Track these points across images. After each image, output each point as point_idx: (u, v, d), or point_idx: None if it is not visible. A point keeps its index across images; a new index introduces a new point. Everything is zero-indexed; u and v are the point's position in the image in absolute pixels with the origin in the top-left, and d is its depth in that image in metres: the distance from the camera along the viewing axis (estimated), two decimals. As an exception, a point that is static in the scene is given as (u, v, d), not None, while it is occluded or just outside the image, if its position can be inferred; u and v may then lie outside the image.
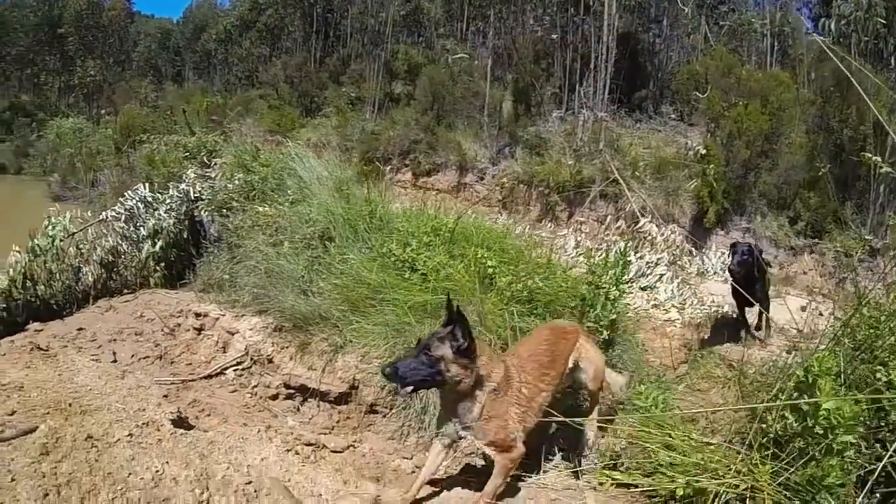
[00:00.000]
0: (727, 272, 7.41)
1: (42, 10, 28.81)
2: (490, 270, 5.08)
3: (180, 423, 4.03)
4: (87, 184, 15.69)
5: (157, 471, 3.46)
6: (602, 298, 4.70)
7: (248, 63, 34.17)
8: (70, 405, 3.72)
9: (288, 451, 4.19)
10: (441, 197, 14.59)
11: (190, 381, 5.18)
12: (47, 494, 3.09)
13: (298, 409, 5.17)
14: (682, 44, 24.21)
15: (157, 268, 7.04)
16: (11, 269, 6.26)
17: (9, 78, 31.51)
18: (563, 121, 21.21)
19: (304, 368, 5.10)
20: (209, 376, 5.30)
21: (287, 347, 5.25)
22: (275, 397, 5.23)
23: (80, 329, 5.68)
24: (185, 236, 7.44)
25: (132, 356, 5.33)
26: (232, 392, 5.17)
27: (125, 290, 6.81)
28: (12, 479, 3.14)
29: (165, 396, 4.46)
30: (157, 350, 5.51)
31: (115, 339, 5.56)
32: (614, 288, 4.78)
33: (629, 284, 6.87)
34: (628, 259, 5.53)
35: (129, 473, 3.38)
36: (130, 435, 3.65)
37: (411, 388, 3.23)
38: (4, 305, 6.07)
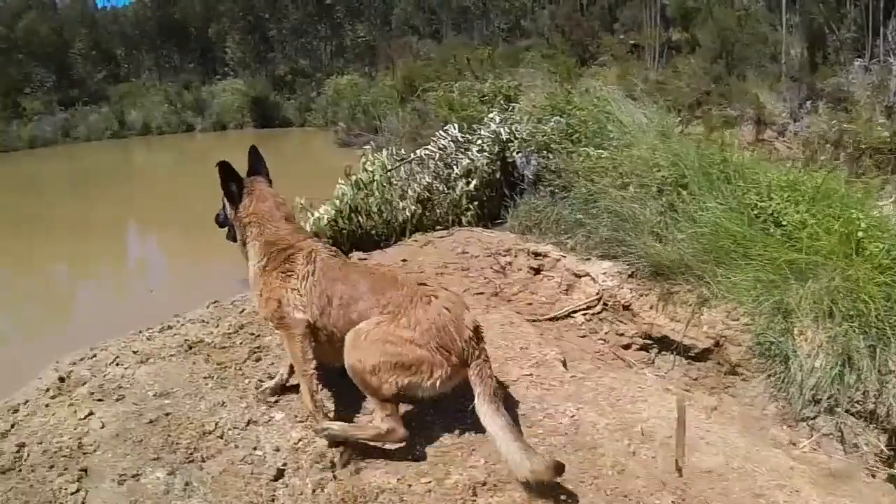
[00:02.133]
0: None
1: None
2: (860, 234, 4.35)
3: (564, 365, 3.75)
4: (371, 130, 16.41)
5: (573, 416, 3.20)
6: None
7: (512, 15, 34.16)
8: None
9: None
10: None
11: (533, 321, 4.76)
12: (463, 432, 3.06)
13: (653, 362, 4.70)
14: None
15: (470, 206, 6.74)
16: (338, 201, 6.30)
17: (285, 48, 34.73)
18: (867, 71, 18.49)
19: (667, 319, 4.60)
20: (555, 318, 4.89)
21: (646, 295, 4.74)
22: (627, 347, 4.78)
23: (403, 260, 5.56)
24: (497, 177, 7.07)
25: (464, 291, 4.94)
26: (581, 337, 4.76)
27: (437, 227, 6.63)
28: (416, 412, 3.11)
29: (542, 335, 4.16)
30: (489, 287, 5.16)
31: (441, 273, 5.30)
32: None
33: None
34: None
35: (543, 416, 3.18)
36: (530, 374, 3.46)
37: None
38: (331, 234, 6.12)
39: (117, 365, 4.01)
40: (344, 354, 2.93)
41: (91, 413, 3.37)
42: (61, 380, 3.99)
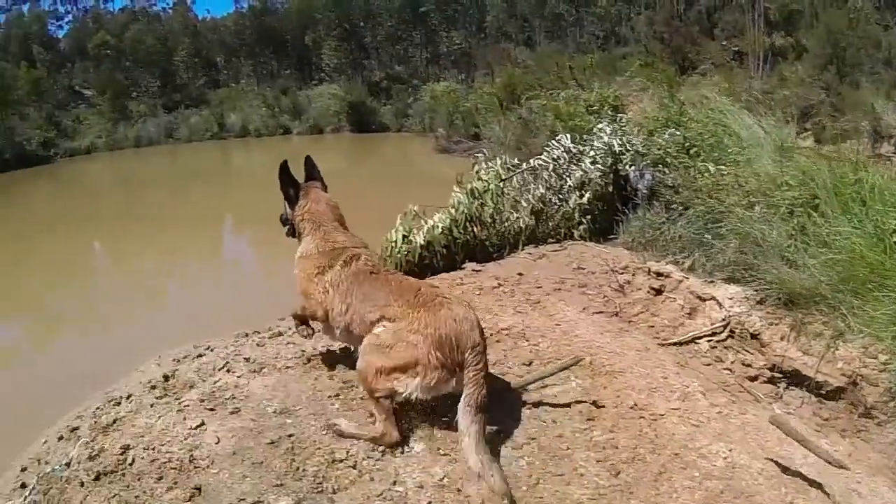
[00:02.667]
0: None
1: None
2: None
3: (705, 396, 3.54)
4: (470, 137, 16.48)
5: (726, 458, 2.97)
6: None
7: (607, 22, 33.68)
8: (591, 363, 3.37)
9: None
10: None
11: (659, 345, 4.61)
12: (619, 473, 2.82)
13: (780, 397, 4.36)
14: None
15: (583, 220, 6.61)
16: (453, 209, 6.23)
17: (381, 55, 35.30)
18: None
19: (799, 352, 4.27)
20: (678, 343, 4.67)
21: (776, 325, 4.43)
22: (753, 378, 4.46)
23: (519, 274, 5.47)
24: (609, 190, 6.90)
25: (583, 309, 4.84)
26: (706, 365, 4.48)
27: (549, 240, 6.53)
28: (567, 448, 2.92)
29: (678, 364, 3.97)
30: (609, 306, 5.00)
31: (559, 289, 5.18)
32: None
33: None
34: None
35: (697, 456, 2.95)
36: (677, 409, 3.25)
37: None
38: (445, 243, 6.08)
39: (228, 371, 3.92)
40: None
41: (203, 424, 3.27)
42: (165, 378, 3.98)
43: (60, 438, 3.62)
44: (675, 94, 9.63)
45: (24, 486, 3.27)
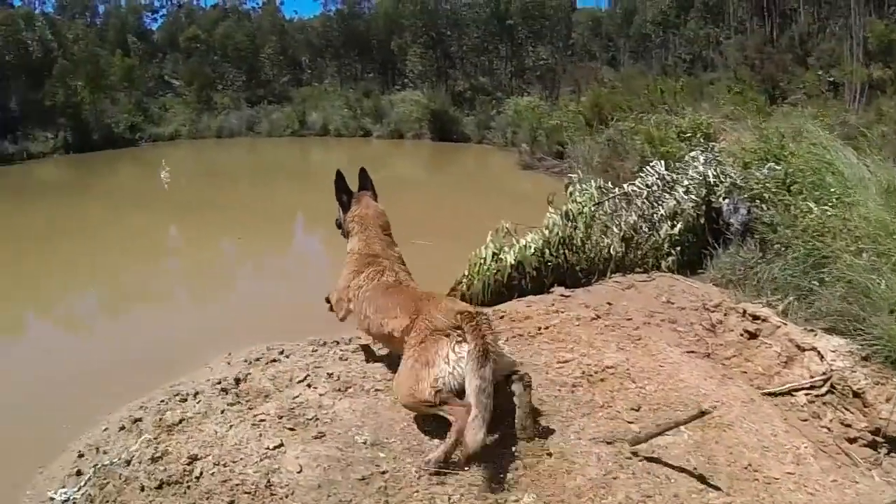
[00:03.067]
0: None
1: (490, 5, 31.50)
2: None
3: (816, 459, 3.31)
4: (553, 155, 16.31)
5: None
6: None
7: (695, 45, 32.97)
8: (702, 413, 3.06)
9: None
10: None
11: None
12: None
13: (881, 464, 3.99)
14: None
15: (672, 251, 6.42)
16: (547, 231, 6.11)
17: (465, 65, 35.51)
18: None
19: None
20: (774, 394, 4.38)
21: (883, 385, 4.12)
22: (852, 440, 4.11)
23: (608, 304, 5.31)
24: (700, 222, 6.67)
25: (675, 346, 4.67)
26: (803, 421, 4.17)
27: (636, 269, 6.36)
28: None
29: (784, 419, 3.75)
30: (700, 346, 4.79)
31: (647, 323, 5.02)
32: None
33: None
34: None
35: None
36: (791, 473, 3.04)
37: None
38: (536, 265, 5.96)
39: (308, 386, 3.79)
40: None
41: (282, 445, 3.09)
42: (237, 382, 3.91)
43: (122, 429, 3.60)
44: (765, 123, 9.36)
45: (79, 473, 3.25)
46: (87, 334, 7.88)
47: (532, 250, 5.91)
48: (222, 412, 3.48)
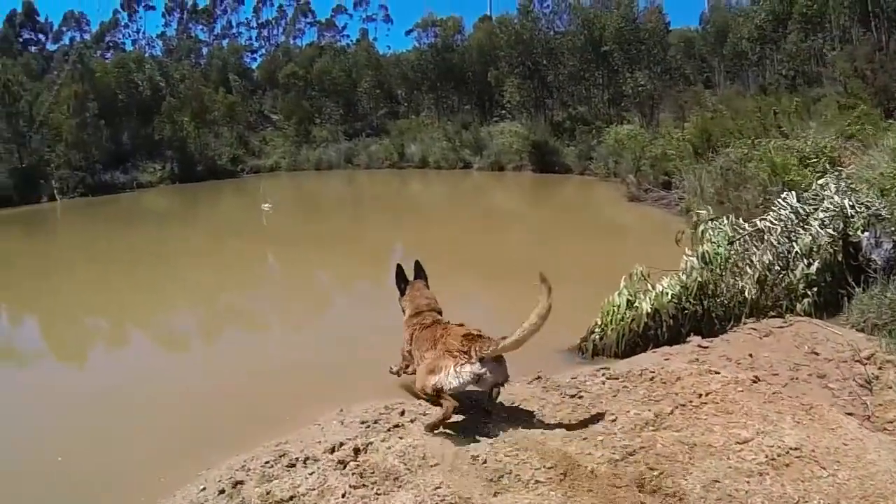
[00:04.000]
0: None
1: (584, 33, 31.34)
2: None
3: None
4: (660, 185, 15.84)
5: None
6: None
7: (796, 60, 31.47)
8: None
9: None
10: None
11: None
12: None
13: None
14: None
15: (808, 292, 5.98)
16: (685, 276, 5.87)
17: (562, 94, 35.35)
18: None
19: None
20: None
21: None
22: None
23: (749, 355, 4.98)
24: (838, 258, 6.29)
25: (830, 406, 4.19)
26: None
27: (770, 313, 5.96)
28: None
29: None
30: (858, 407, 4.25)
31: (795, 379, 4.63)
32: None
33: None
34: None
35: None
36: None
37: None
38: (673, 313, 5.71)
39: (451, 471, 3.43)
40: None
41: None
42: (356, 452, 3.59)
43: (221, 492, 3.39)
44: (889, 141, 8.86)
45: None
46: (181, 363, 7.54)
47: (669, 297, 5.70)
48: (343, 496, 3.16)
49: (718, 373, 4.63)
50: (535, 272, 3.94)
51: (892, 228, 6.16)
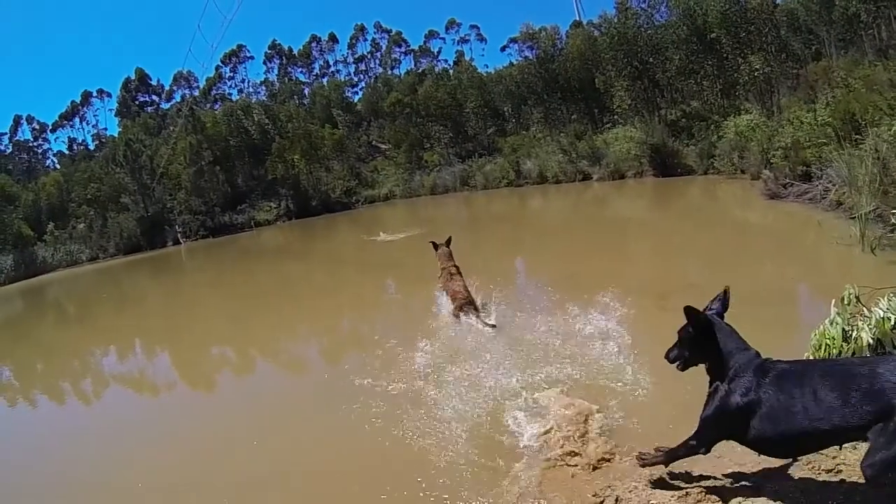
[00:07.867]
0: None
1: (686, 22, 30.19)
2: None
3: None
4: (799, 178, 14.67)
5: None
6: None
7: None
8: None
9: None
10: None
11: None
12: None
13: None
14: None
15: None
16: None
17: (671, 92, 34.48)
18: None
19: None
20: None
21: None
22: None
23: None
24: None
25: None
26: None
27: None
28: None
29: None
30: None
31: None
32: None
33: None
34: None
35: None
36: None
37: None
38: None
39: None
40: None
41: None
42: None
43: None
44: None
45: None
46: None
47: (893, 323, 4.76)
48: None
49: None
50: (687, 292, 3.51)
51: None
